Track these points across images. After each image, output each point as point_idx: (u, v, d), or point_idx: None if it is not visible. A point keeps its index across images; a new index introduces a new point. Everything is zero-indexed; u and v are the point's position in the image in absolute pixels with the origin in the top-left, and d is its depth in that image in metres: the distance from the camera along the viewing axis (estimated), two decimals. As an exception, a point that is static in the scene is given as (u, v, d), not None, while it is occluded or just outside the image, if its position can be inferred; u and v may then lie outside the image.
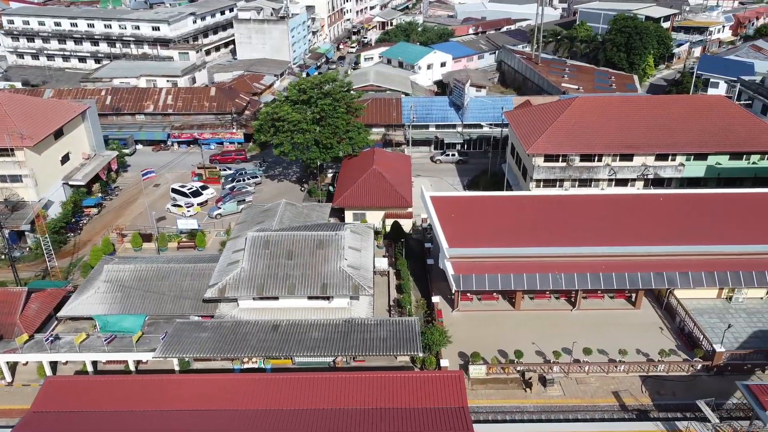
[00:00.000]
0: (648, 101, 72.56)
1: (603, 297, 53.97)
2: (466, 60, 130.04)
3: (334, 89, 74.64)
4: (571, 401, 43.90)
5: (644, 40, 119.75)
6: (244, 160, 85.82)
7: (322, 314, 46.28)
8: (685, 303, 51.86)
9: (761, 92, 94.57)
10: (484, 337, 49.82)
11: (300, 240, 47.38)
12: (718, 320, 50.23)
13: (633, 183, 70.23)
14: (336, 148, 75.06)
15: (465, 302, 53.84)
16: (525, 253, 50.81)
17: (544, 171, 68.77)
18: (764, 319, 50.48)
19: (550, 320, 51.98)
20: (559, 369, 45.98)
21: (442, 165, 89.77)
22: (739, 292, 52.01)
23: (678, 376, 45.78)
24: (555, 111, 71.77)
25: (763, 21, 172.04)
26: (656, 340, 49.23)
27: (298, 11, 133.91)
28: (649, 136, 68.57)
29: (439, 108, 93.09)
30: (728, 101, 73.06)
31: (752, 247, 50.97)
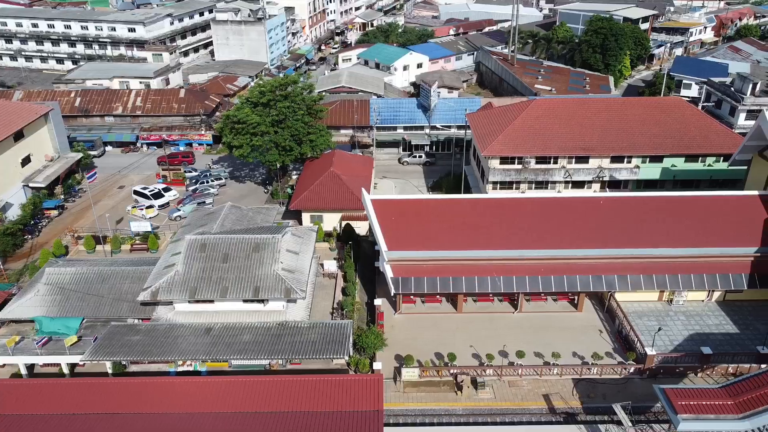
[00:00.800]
0: (605, 104, 72.62)
1: (546, 299, 54.15)
2: (444, 61, 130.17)
3: (294, 92, 74.79)
4: (501, 404, 44.06)
5: (619, 41, 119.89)
6: (191, 163, 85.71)
7: (257, 317, 46.46)
8: (627, 306, 52.11)
9: (728, 93, 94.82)
10: (424, 339, 50.02)
11: (236, 243, 47.57)
12: (656, 323, 50.38)
13: (589, 185, 70.42)
14: (296, 150, 75.24)
15: (408, 305, 54.03)
16: (464, 256, 50.99)
17: (500, 173, 68.94)
18: (702, 321, 50.61)
19: (492, 323, 52.17)
20: (493, 372, 46.12)
21: (409, 167, 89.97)
22: (679, 295, 52.16)
23: (611, 380, 45.88)
24: (513, 113, 71.94)
25: (746, 22, 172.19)
26: (594, 342, 49.41)
27: (276, 13, 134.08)
28: (604, 139, 68.72)
29: (406, 110, 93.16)
30: (685, 103, 73.15)
31: (692, 250, 51.08)
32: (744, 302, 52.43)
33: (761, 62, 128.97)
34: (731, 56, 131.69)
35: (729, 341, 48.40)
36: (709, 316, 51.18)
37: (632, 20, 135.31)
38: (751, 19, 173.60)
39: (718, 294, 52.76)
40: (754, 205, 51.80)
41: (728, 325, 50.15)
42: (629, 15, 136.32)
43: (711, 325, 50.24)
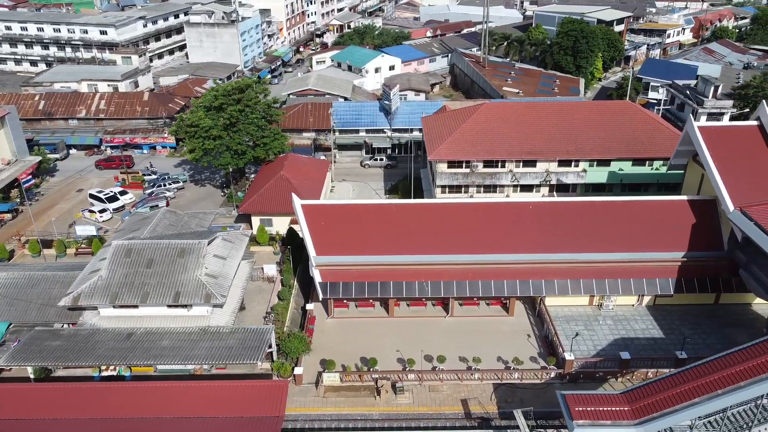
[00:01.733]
0: (555, 108, 72.81)
1: (478, 304, 54.36)
2: (417, 63, 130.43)
3: (247, 96, 75.06)
4: (418, 409, 44.28)
5: (590, 43, 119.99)
6: (129, 166, 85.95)
7: (181, 322, 46.71)
8: (556, 310, 52.39)
9: (689, 96, 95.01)
10: (353, 343, 50.25)
11: (162, 249, 47.83)
12: (583, 328, 50.62)
13: (537, 189, 70.61)
14: (249, 154, 75.55)
15: (341, 309, 54.26)
16: (393, 261, 51.26)
17: (447, 177, 69.19)
18: (629, 326, 50.81)
19: (423, 327, 52.36)
20: (415, 377, 46.34)
21: (370, 169, 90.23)
22: (608, 300, 52.34)
23: (532, 384, 46.08)
24: (463, 117, 72.17)
25: (725, 23, 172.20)
26: (521, 347, 49.59)
27: (250, 15, 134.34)
28: (552, 143, 68.93)
29: (369, 113, 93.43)
30: (635, 107, 73.33)
31: (621, 254, 51.29)
32: (674, 306, 52.61)
33: (734, 64, 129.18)
34: (704, 58, 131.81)
35: (653, 346, 48.58)
36: (637, 321, 51.36)
37: (606, 22, 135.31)
38: (731, 21, 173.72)
39: (648, 299, 52.93)
40: (682, 209, 51.94)
41: (654, 330, 50.34)
42: (603, 17, 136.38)
43: (638, 329, 50.43)
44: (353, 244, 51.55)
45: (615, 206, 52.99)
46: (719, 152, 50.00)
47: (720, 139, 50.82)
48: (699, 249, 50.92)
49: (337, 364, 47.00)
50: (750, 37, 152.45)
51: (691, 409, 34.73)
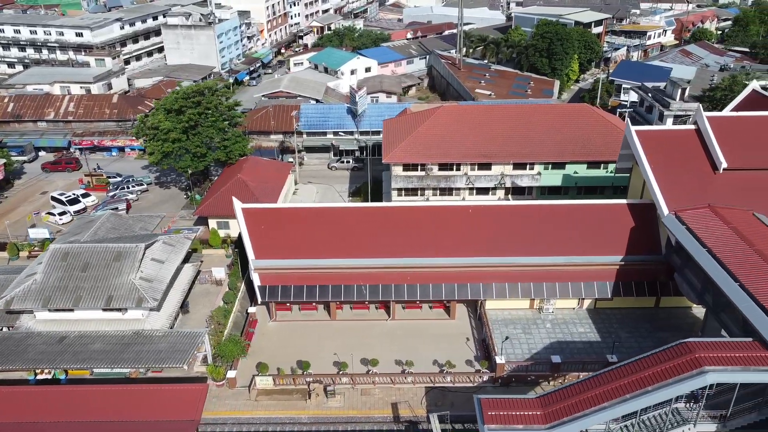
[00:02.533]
0: (512, 110, 72.97)
1: (421, 307, 54.53)
2: (394, 65, 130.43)
3: (206, 99, 75.27)
4: (348, 412, 44.49)
5: (565, 45, 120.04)
6: (75, 169, 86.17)
7: (116, 326, 46.93)
8: (497, 314, 52.62)
9: (657, 98, 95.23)
10: (293, 347, 50.48)
11: (98, 252, 48.07)
12: (521, 331, 50.77)
13: (493, 192, 70.80)
14: (210, 157, 75.78)
15: (284, 312, 54.49)
16: (332, 264, 51.45)
17: (402, 180, 69.40)
18: (567, 329, 50.97)
19: (365, 330, 52.60)
20: (348, 380, 46.53)
21: (337, 172, 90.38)
22: (547, 303, 52.49)
23: (464, 388, 46.24)
24: (420, 120, 72.35)
25: (708, 25, 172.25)
26: (459, 350, 49.78)
27: (228, 17, 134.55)
28: (507, 145, 69.09)
29: (336, 115, 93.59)
30: (592, 110, 73.43)
31: (560, 258, 51.46)
32: (614, 310, 52.79)
33: (710, 66, 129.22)
34: (680, 60, 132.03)
35: (588, 349, 48.75)
36: (575, 324, 51.52)
37: (583, 24, 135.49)
38: (714, 23, 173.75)
39: (589, 302, 53.09)
40: (622, 213, 52.10)
41: (592, 333, 50.49)
42: (581, 19, 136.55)
43: (575, 333, 50.59)
44: (294, 247, 51.76)
45: (555, 210, 53.14)
46: (656, 156, 50.17)
47: (657, 143, 50.98)
48: (638, 253, 51.05)
49: (275, 367, 47.29)
50: (731, 38, 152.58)
51: (600, 414, 34.89)
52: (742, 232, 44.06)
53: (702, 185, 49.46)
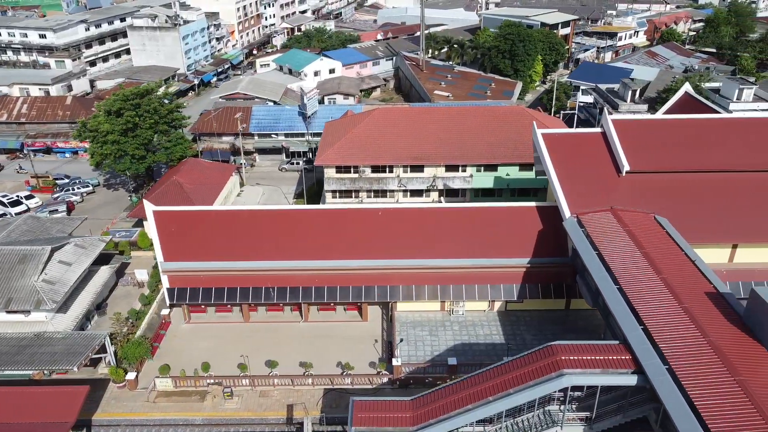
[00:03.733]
0: (447, 113, 73.24)
1: (335, 309, 54.79)
2: (360, 66, 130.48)
3: (145, 101, 75.57)
4: (242, 414, 44.79)
5: (527, 46, 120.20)
6: None
7: (19, 327, 47.24)
8: (407, 316, 52.88)
9: (608, 100, 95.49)
10: (203, 349, 50.77)
11: (3, 255, 48.37)
12: (427, 333, 51.02)
13: (427, 194, 71.03)
14: (149, 159, 76.10)
15: (199, 314, 54.78)
16: (244, 267, 51.71)
17: (335, 182, 69.66)
18: (473, 331, 51.18)
19: (276, 332, 52.91)
20: (249, 382, 46.81)
21: (287, 173, 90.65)
22: (457, 305, 52.71)
23: (363, 389, 46.49)
24: (355, 122, 72.62)
25: (682, 26, 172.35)
26: (366, 352, 50.06)
27: (194, 18, 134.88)
28: (440, 148, 69.33)
29: (287, 117, 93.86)
30: (526, 111, 73.66)
31: (470, 260, 51.66)
32: (524, 312, 53.00)
33: (674, 67, 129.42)
34: (645, 61, 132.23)
35: (489, 351, 48.93)
36: (483, 326, 51.74)
37: (549, 25, 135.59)
38: (688, 23, 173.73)
39: (500, 304, 53.31)
40: (530, 216, 52.30)
41: (497, 335, 50.73)
42: (546, 20, 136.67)
43: (481, 335, 50.82)
44: (205, 249, 52.05)
45: (466, 212, 53.38)
46: (560, 159, 50.42)
47: (563, 146, 51.23)
48: (545, 255, 51.26)
49: (183, 369, 47.52)
50: (701, 39, 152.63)
51: (465, 415, 35.21)
52: (636, 235, 44.32)
53: (606, 188, 49.69)
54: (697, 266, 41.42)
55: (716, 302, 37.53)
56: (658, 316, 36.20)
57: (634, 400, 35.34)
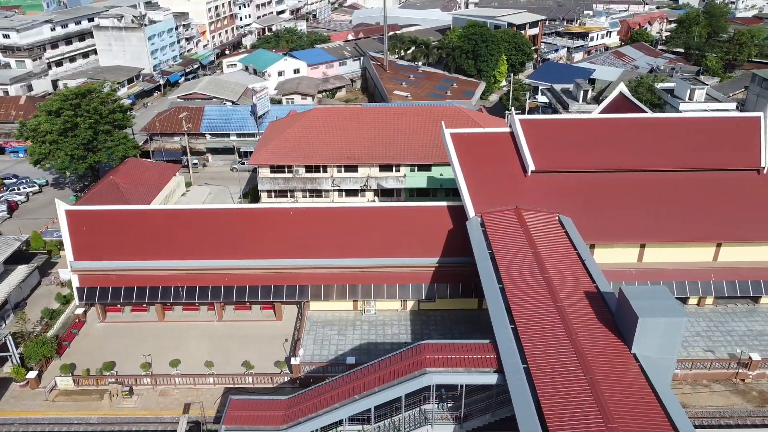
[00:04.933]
0: (384, 112, 73.34)
1: (250, 308, 54.83)
2: (326, 67, 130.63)
3: (86, 101, 75.68)
4: (139, 413, 44.84)
5: (489, 47, 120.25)
6: None
7: (-77, 326, 47.39)
8: (319, 315, 52.98)
9: (560, 100, 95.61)
10: (113, 348, 50.82)
11: None
12: (336, 332, 51.07)
13: (362, 193, 71.10)
14: (90, 158, 76.22)
15: (115, 313, 54.87)
16: (155, 266, 51.81)
17: (268, 182, 69.74)
18: (382, 331, 51.21)
19: (189, 331, 52.96)
20: (150, 381, 46.90)
21: (238, 173, 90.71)
22: (368, 305, 52.77)
23: (264, 389, 46.56)
24: (292, 122, 72.70)
25: (656, 26, 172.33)
26: (274, 351, 50.05)
27: (161, 18, 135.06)
28: (374, 148, 69.43)
29: (239, 117, 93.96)
30: (462, 112, 73.59)
31: (381, 260, 51.70)
32: (436, 311, 53.02)
33: (640, 68, 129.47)
34: (611, 61, 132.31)
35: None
36: (392, 326, 51.78)
37: (516, 26, 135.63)
38: (663, 24, 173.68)
39: (413, 303, 53.34)
40: (442, 215, 52.33)
41: (405, 335, 50.75)
42: (513, 21, 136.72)
43: (388, 334, 50.86)
44: (117, 249, 52.12)
45: (378, 212, 53.40)
46: (468, 158, 50.45)
47: (471, 146, 51.28)
48: (456, 255, 51.22)
49: (88, 368, 47.62)
50: (673, 40, 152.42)
51: (333, 413, 35.44)
52: (533, 235, 44.36)
53: (513, 188, 49.75)
54: (585, 266, 41.43)
55: (594, 302, 37.55)
56: (530, 315, 36.25)
57: (501, 399, 35.38)
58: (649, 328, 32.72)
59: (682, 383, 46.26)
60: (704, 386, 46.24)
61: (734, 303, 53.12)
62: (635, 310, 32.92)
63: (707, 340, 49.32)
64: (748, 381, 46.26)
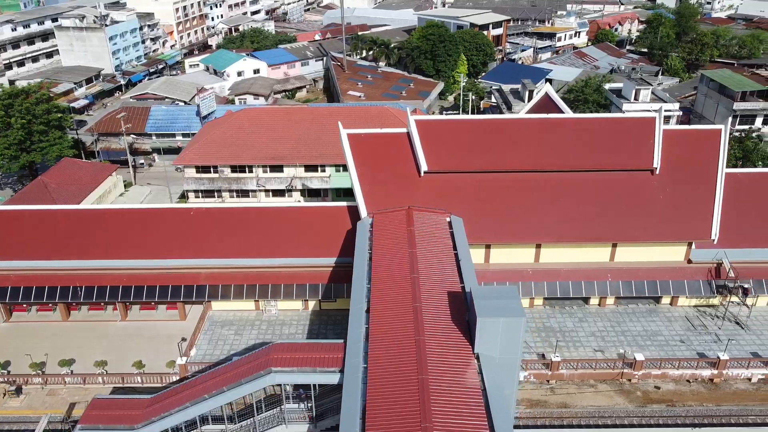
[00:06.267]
0: (311, 113, 73.53)
1: (156, 308, 55.00)
2: (287, 67, 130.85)
3: (18, 102, 75.98)
4: (23, 412, 45.10)
5: (447, 47, 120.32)
6: None
7: None
8: (221, 315, 53.17)
9: (505, 100, 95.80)
10: (11, 347, 50.94)
11: None
12: (233, 332, 51.25)
13: (289, 194, 71.27)
14: (23, 158, 76.52)
15: (21, 313, 55.07)
16: (53, 266, 52.00)
17: (194, 182, 69.93)
18: (279, 331, 51.32)
19: (92, 331, 53.14)
20: (41, 380, 47.09)
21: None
22: (269, 304, 52.93)
23: (153, 388, 46.67)
24: (220, 123, 72.90)
25: (628, 26, 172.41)
26: (171, 351, 50.10)
27: (123, 19, 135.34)
28: (298, 148, 69.64)
29: (185, 117, 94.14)
30: (390, 111, 73.92)
31: (284, 260, 51.86)
32: (338, 311, 53.07)
33: (601, 68, 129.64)
34: (572, 61, 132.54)
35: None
36: (290, 326, 51.95)
37: (479, 26, 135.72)
38: (634, 24, 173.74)
39: (314, 303, 53.49)
40: (341, 215, 52.50)
41: (300, 334, 50.88)
42: (476, 21, 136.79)
43: (284, 334, 50.97)
44: (19, 248, 52.32)
45: (280, 212, 53.59)
46: (363, 159, 50.62)
47: (368, 146, 51.41)
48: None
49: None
50: (641, 40, 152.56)
51: (183, 412, 35.61)
52: (416, 235, 44.42)
53: (407, 188, 49.86)
54: (458, 267, 41.52)
55: (454, 303, 37.59)
56: (385, 315, 36.39)
57: (351, 398, 35.45)
58: (489, 328, 32.83)
59: (568, 383, 46.40)
60: (591, 386, 46.36)
61: (635, 303, 53.21)
62: (476, 310, 33.05)
63: (600, 340, 49.43)
64: (634, 381, 46.37)
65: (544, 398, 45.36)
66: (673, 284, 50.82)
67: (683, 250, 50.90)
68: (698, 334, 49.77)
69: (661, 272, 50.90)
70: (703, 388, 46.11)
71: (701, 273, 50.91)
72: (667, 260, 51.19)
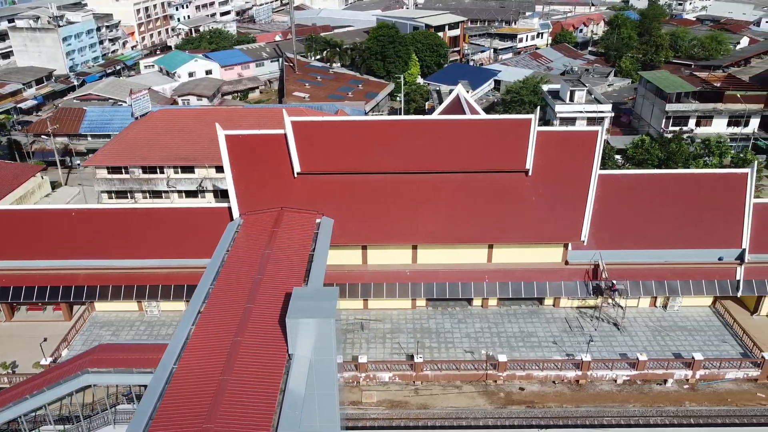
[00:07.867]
0: (224, 114, 73.85)
1: (43, 309, 55.08)
2: (241, 68, 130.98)
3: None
4: None
5: (397, 48, 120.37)
6: None
7: None
8: (105, 315, 53.39)
9: (441, 101, 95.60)
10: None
11: None
12: (111, 333, 51.31)
13: (202, 195, 71.35)
14: (-55, 159, 76.72)
15: None
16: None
17: (105, 183, 70.06)
18: (157, 332, 51.17)
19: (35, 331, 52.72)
20: None
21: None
22: (150, 305, 53.02)
23: (21, 388, 46.88)
24: (135, 124, 72.99)
25: (593, 27, 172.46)
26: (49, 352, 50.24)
27: (79, 20, 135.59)
28: (209, 149, 69.42)
29: (120, 118, 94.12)
30: (305, 112, 73.72)
31: (163, 261, 51.85)
32: (221, 312, 53.15)
33: (554, 69, 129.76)
34: (526, 62, 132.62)
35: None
36: (171, 327, 51.86)
37: (435, 27, 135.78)
38: (600, 25, 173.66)
39: (197, 304, 53.50)
40: (222, 216, 52.44)
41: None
42: (431, 22, 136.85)
43: (161, 335, 50.87)
44: None
45: (158, 213, 53.49)
46: (240, 159, 50.70)
47: (245, 147, 51.47)
48: (234, 256, 51.35)
49: None
50: (603, 41, 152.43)
51: (6, 411, 35.53)
52: (277, 236, 44.52)
53: (282, 189, 49.93)
54: (309, 268, 41.60)
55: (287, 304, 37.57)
56: (214, 316, 36.48)
57: (173, 399, 35.51)
58: (299, 329, 32.89)
59: (433, 383, 46.43)
60: (456, 387, 46.39)
61: (518, 304, 53.25)
62: (288, 311, 33.12)
63: (473, 341, 49.48)
64: (499, 382, 46.41)
65: (406, 399, 45.38)
66: (550, 285, 50.83)
67: (560, 252, 50.89)
68: (572, 336, 49.83)
69: (539, 273, 50.91)
70: (568, 390, 46.13)
71: (578, 274, 50.91)
72: (545, 261, 51.15)
